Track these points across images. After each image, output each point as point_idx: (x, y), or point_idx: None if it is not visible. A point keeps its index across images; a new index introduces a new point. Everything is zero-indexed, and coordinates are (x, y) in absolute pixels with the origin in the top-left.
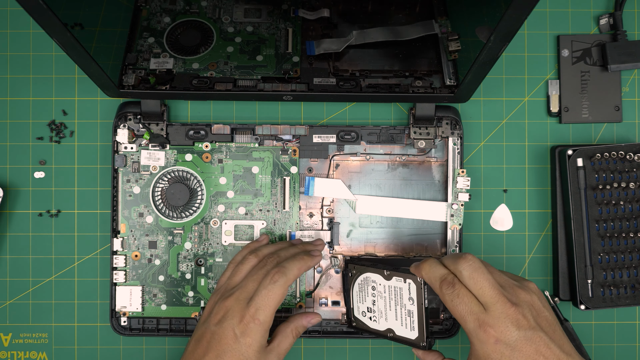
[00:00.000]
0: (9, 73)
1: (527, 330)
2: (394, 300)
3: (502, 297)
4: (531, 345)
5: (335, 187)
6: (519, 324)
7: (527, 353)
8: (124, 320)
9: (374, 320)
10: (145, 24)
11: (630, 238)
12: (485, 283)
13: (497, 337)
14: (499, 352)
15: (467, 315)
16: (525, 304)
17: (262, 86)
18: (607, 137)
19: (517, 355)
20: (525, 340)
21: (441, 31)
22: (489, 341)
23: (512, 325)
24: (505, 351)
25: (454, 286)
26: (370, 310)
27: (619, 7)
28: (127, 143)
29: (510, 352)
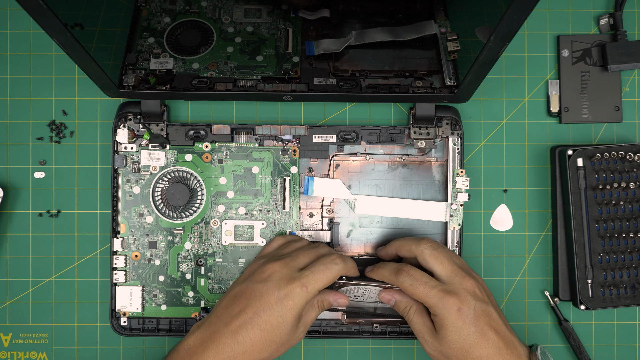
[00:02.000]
0: (9, 73)
1: (482, 302)
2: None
3: (460, 271)
4: (486, 317)
5: (335, 187)
6: (476, 296)
7: (483, 323)
8: (124, 321)
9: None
10: (145, 24)
11: (630, 238)
12: (445, 259)
13: (459, 305)
14: (462, 319)
15: (429, 290)
16: (477, 282)
17: (262, 86)
18: (607, 137)
19: (477, 322)
20: (481, 311)
21: (441, 31)
22: (452, 309)
23: (470, 296)
24: (467, 318)
25: (408, 272)
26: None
27: (619, 7)
28: (127, 143)
29: (470, 319)
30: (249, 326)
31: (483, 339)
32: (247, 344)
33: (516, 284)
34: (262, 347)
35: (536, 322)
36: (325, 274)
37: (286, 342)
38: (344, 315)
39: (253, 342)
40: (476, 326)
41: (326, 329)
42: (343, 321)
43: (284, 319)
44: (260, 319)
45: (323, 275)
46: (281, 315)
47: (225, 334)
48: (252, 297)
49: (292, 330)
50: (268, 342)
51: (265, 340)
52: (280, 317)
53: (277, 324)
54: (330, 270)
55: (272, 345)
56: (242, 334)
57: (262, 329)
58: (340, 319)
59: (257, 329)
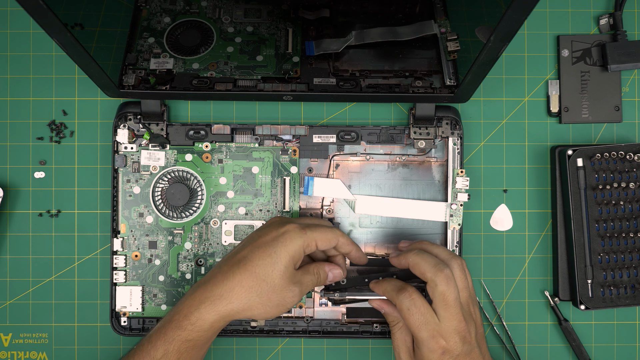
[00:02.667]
0: (9, 73)
1: (468, 345)
2: None
3: (459, 315)
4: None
5: (335, 187)
6: (464, 340)
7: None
8: (124, 320)
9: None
10: (145, 24)
11: (630, 238)
12: (452, 302)
13: (445, 348)
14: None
15: (423, 325)
16: (472, 321)
17: (262, 86)
18: (607, 137)
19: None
20: (464, 355)
21: (441, 31)
22: (437, 351)
23: (460, 340)
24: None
25: (410, 295)
26: None
27: (619, 7)
28: (127, 143)
29: None
30: (242, 263)
31: None
32: (236, 280)
33: (516, 284)
34: (252, 286)
35: (536, 322)
36: (326, 230)
37: (278, 288)
38: (344, 315)
39: (242, 278)
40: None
41: (326, 329)
42: (343, 321)
43: (278, 255)
44: (253, 254)
45: (323, 230)
46: (275, 251)
47: (217, 274)
48: (250, 239)
49: (284, 273)
50: (258, 281)
51: (255, 277)
52: (274, 252)
53: (270, 260)
54: (332, 230)
55: (262, 285)
56: (232, 271)
57: (254, 264)
58: (340, 319)
59: (249, 265)
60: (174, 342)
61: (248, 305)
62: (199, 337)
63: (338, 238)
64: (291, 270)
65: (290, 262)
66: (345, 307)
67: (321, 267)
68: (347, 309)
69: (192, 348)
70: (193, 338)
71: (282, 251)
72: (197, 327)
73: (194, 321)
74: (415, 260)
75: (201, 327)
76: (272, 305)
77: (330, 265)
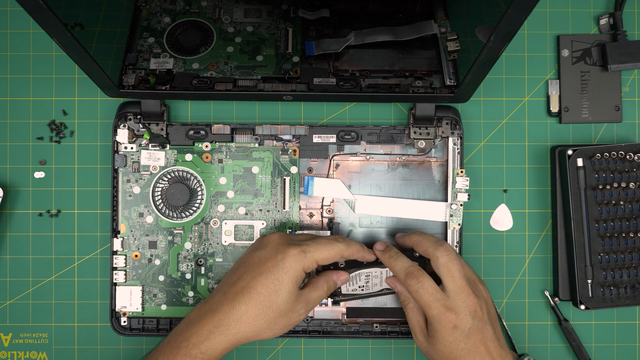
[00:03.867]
0: (9, 73)
1: (479, 321)
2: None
3: (467, 288)
4: (479, 335)
5: (335, 187)
6: (475, 315)
7: (475, 341)
8: (124, 320)
9: (367, 289)
10: (145, 24)
11: (630, 238)
12: (457, 273)
13: (455, 323)
14: (454, 336)
15: (433, 302)
16: (482, 298)
17: (262, 86)
18: (607, 137)
19: (467, 341)
20: (476, 330)
21: (441, 31)
22: (447, 326)
23: (470, 315)
24: (459, 336)
25: (418, 278)
26: (362, 287)
27: (619, 7)
28: (127, 143)
29: (462, 337)
30: (245, 291)
31: (471, 355)
32: (242, 310)
33: (516, 284)
34: (258, 314)
35: (536, 322)
36: (326, 246)
37: (284, 312)
38: (344, 315)
39: (248, 308)
40: (467, 343)
41: (326, 329)
42: (343, 321)
43: (280, 282)
44: (256, 282)
45: (323, 247)
46: (277, 278)
47: (223, 302)
48: (250, 264)
49: (289, 298)
50: (264, 309)
51: (260, 305)
52: (276, 280)
53: (273, 287)
54: (332, 245)
55: (268, 312)
56: (237, 300)
57: (258, 292)
58: (340, 319)
59: (254, 293)
60: None
61: (256, 332)
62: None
63: (341, 253)
64: (295, 293)
65: (293, 287)
66: (345, 307)
67: (329, 278)
68: (347, 309)
69: None
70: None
71: (284, 277)
72: (207, 355)
73: (204, 350)
74: (418, 239)
75: (212, 355)
76: (279, 327)
77: (338, 273)
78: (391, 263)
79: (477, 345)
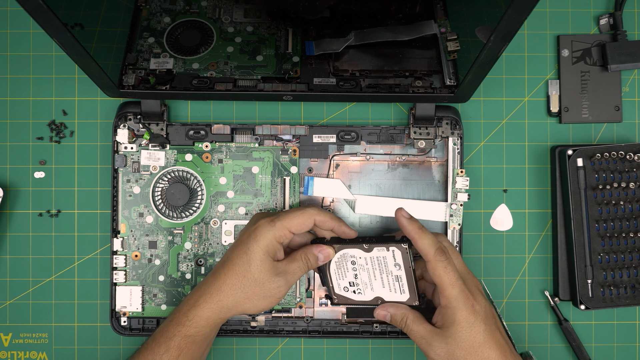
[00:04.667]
0: (9, 73)
1: (490, 308)
2: (378, 269)
3: (470, 273)
4: (493, 319)
5: (335, 187)
6: (485, 300)
7: (492, 323)
8: (124, 320)
9: (359, 292)
10: (145, 24)
11: (630, 238)
12: (459, 259)
13: (474, 303)
14: (475, 316)
15: (456, 281)
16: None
17: (262, 86)
18: (607, 137)
19: (486, 324)
20: (490, 312)
21: (441, 31)
22: (468, 305)
23: (482, 297)
24: (479, 317)
25: (446, 255)
26: (352, 284)
27: (619, 7)
28: (127, 143)
29: (482, 319)
30: (225, 263)
31: (491, 339)
32: (221, 280)
33: (516, 284)
34: (235, 283)
35: (536, 322)
36: (296, 212)
37: (259, 282)
38: (344, 315)
39: (226, 277)
40: (486, 324)
41: (326, 329)
42: (343, 321)
43: (251, 251)
44: (233, 254)
45: (293, 214)
46: (249, 248)
47: (209, 276)
48: (235, 240)
49: (261, 266)
50: (239, 278)
51: (236, 275)
52: (248, 249)
53: (245, 257)
54: (302, 211)
55: (243, 281)
56: (218, 272)
57: (234, 262)
58: (340, 319)
59: (230, 264)
60: (174, 338)
61: (236, 301)
62: (196, 332)
63: (313, 217)
64: (269, 263)
65: (264, 256)
66: (345, 307)
67: (308, 251)
68: (347, 308)
69: (191, 344)
70: (192, 334)
71: (254, 246)
72: (194, 323)
73: (191, 317)
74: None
75: (198, 323)
76: (258, 298)
77: (319, 247)
78: (419, 236)
79: (494, 329)
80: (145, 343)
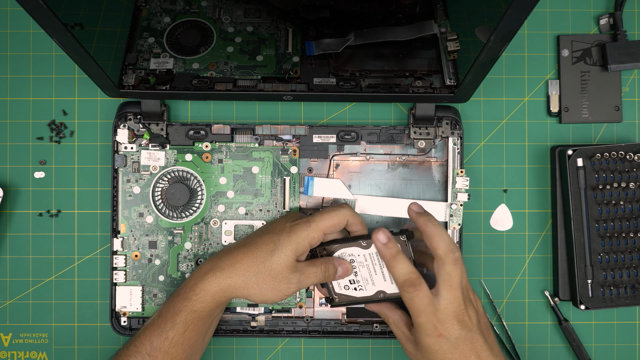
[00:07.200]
0: (9, 73)
1: (468, 331)
2: (378, 264)
3: (460, 299)
4: (468, 344)
5: (335, 187)
6: (463, 324)
7: (463, 350)
8: (124, 320)
9: (360, 289)
10: (145, 24)
11: (630, 238)
12: (456, 284)
13: (442, 332)
14: (439, 344)
15: (422, 312)
16: (472, 307)
17: (262, 86)
18: (607, 137)
19: (454, 351)
20: (464, 339)
21: (441, 31)
22: (433, 334)
23: (457, 324)
24: (444, 345)
25: (415, 287)
26: (353, 281)
27: (619, 7)
28: (127, 143)
29: (448, 346)
30: (248, 244)
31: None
32: (238, 257)
33: (516, 284)
34: (250, 264)
35: (536, 322)
36: (331, 214)
37: (274, 273)
38: (344, 315)
39: (244, 257)
40: (454, 353)
41: (326, 329)
42: (343, 321)
43: (280, 243)
44: (260, 239)
45: (328, 215)
46: (279, 239)
47: (225, 251)
48: (263, 228)
49: (283, 261)
50: (257, 262)
51: (255, 258)
52: (277, 240)
53: (272, 246)
54: (337, 211)
55: (259, 267)
56: (238, 249)
57: (258, 246)
58: (340, 319)
59: (253, 246)
60: (181, 313)
61: (245, 283)
62: (202, 307)
63: (347, 219)
64: (291, 261)
65: (291, 253)
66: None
67: (330, 262)
68: (347, 308)
69: (197, 319)
70: (198, 309)
71: (286, 240)
72: (200, 297)
73: (198, 292)
74: (433, 232)
75: (204, 298)
76: (267, 288)
77: (340, 260)
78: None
79: (467, 354)
80: (151, 319)
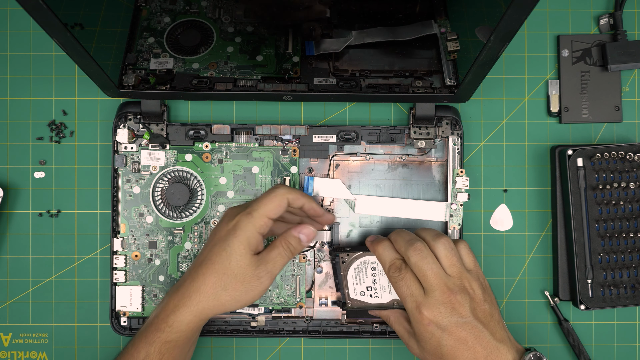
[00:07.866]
0: (9, 73)
1: (460, 317)
2: None
3: (441, 285)
4: (463, 331)
5: (335, 186)
6: (454, 311)
7: (457, 336)
8: (124, 320)
9: (376, 296)
10: (145, 24)
11: (630, 238)
12: (428, 272)
13: (430, 319)
14: (430, 332)
15: (407, 297)
16: (464, 293)
17: (262, 86)
18: (607, 137)
19: (446, 337)
20: (456, 326)
21: (441, 31)
22: (422, 321)
23: (447, 311)
24: (436, 332)
25: (399, 271)
26: (370, 288)
27: (619, 7)
28: (127, 143)
29: (440, 333)
30: (203, 263)
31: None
32: (200, 281)
33: (516, 284)
34: (215, 282)
35: (536, 322)
36: (268, 197)
37: (241, 277)
38: (344, 315)
39: (205, 278)
40: (449, 339)
41: (326, 329)
42: (343, 321)
43: (231, 246)
44: (211, 253)
45: (266, 200)
46: (228, 244)
47: (186, 277)
48: (210, 239)
49: (242, 261)
50: (219, 276)
51: (216, 273)
52: (228, 246)
53: (225, 254)
54: (272, 194)
55: (223, 278)
56: (196, 272)
57: (213, 261)
58: (340, 319)
59: (209, 263)
60: (154, 344)
61: (217, 301)
62: (177, 337)
63: (285, 197)
64: (249, 257)
65: (244, 250)
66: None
67: (287, 234)
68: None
69: (173, 348)
70: (172, 339)
71: (234, 241)
72: (174, 328)
73: (171, 323)
74: (393, 237)
75: (179, 328)
76: (241, 293)
77: (298, 227)
78: (378, 250)
79: (465, 339)
80: (125, 348)
